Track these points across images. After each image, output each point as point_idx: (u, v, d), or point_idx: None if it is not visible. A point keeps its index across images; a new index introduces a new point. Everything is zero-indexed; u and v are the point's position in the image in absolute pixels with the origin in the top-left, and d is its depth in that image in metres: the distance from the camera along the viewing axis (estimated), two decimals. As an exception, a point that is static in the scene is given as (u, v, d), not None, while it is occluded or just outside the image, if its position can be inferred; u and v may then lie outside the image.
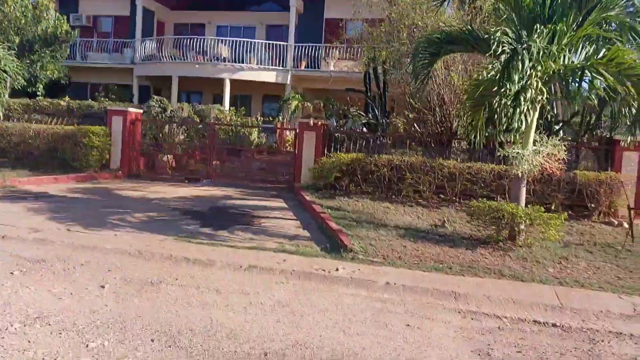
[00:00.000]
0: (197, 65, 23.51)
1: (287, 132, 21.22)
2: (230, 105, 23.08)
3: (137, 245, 6.25)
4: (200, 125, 12.68)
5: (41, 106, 12.86)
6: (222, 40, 23.91)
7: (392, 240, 7.02)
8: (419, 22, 10.16)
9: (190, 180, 11.75)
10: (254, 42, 23.97)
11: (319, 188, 10.08)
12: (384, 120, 11.03)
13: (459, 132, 10.29)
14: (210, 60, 23.81)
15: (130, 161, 11.99)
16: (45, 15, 19.57)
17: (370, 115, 11.07)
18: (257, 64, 23.43)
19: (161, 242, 6.53)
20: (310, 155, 10.65)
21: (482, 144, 8.06)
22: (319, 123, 10.59)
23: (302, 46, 23.69)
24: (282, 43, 23.78)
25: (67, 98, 14.11)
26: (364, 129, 11.46)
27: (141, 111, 12.43)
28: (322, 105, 10.93)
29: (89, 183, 11.00)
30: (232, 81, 23.31)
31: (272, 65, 23.70)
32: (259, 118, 20.51)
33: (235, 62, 23.62)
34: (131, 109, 11.99)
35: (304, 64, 23.64)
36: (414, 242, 6.98)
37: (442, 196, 9.57)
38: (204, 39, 24.51)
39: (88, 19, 27.45)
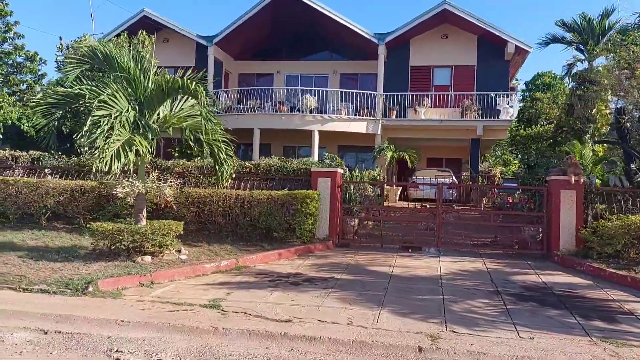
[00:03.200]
0: (283, 117, 22.35)
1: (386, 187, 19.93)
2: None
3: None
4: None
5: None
6: (308, 90, 22.80)
7: None
8: None
9: (411, 249, 10.27)
10: (343, 92, 23.03)
11: (598, 256, 8.71)
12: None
13: None
14: (291, 111, 22.71)
15: (336, 228, 10.48)
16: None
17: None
18: (346, 114, 22.34)
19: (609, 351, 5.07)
20: (569, 218, 9.33)
21: None
22: (581, 180, 9.32)
23: (391, 95, 22.77)
24: (371, 92, 22.86)
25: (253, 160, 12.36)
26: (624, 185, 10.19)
27: (342, 171, 11.05)
28: (573, 159, 9.59)
29: (314, 257, 9.49)
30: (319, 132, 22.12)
31: (359, 115, 22.63)
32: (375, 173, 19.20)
33: (322, 112, 22.54)
34: (339, 170, 10.59)
35: (394, 113, 22.64)
36: None
37: None
38: (290, 90, 23.50)
39: (150, 70, 26.30)
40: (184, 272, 7.75)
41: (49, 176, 11.71)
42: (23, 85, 13.08)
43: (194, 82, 7.99)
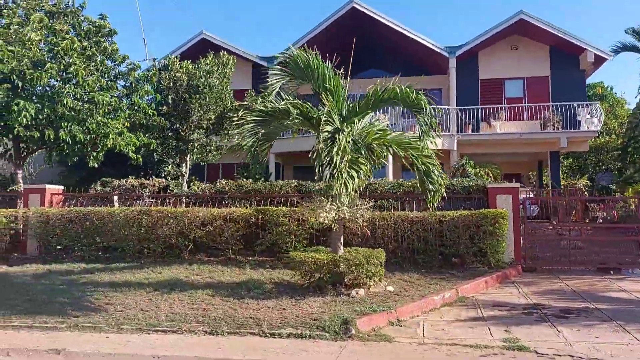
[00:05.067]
0: (355, 136, 21.46)
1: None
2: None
3: None
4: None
5: (375, 189, 10.45)
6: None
7: None
8: None
9: (612, 271, 9.32)
10: (415, 108, 22.21)
11: None
12: None
13: None
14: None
15: (521, 250, 9.55)
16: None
17: None
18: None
19: None
20: None
21: None
22: None
23: (463, 109, 22.03)
24: (441, 107, 22.07)
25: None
26: None
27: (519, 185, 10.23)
28: None
29: (520, 284, 8.56)
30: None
31: (432, 131, 21.69)
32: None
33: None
34: (519, 185, 9.76)
35: (470, 127, 21.87)
36: None
37: None
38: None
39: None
40: (419, 307, 6.81)
41: (184, 205, 10.78)
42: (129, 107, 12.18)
43: (414, 91, 7.16)
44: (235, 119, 7.45)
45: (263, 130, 7.42)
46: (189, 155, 16.85)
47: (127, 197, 11.21)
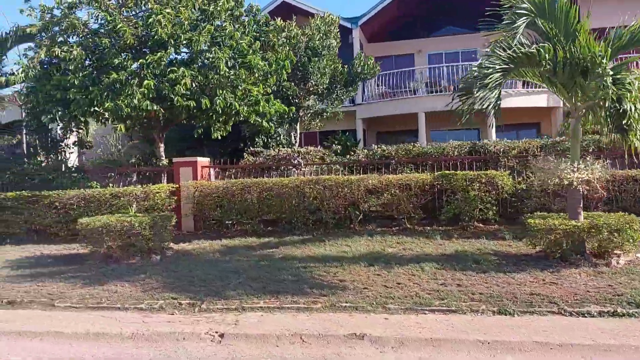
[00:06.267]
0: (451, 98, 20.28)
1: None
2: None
3: None
4: None
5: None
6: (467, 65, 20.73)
7: None
8: None
9: None
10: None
11: None
12: None
13: None
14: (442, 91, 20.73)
15: None
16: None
17: None
18: (523, 87, 20.20)
19: None
20: None
21: None
22: None
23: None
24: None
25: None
26: None
27: None
28: None
29: None
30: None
31: (529, 87, 20.38)
32: None
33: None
34: None
35: (571, 83, 20.32)
36: None
37: None
38: (455, 67, 21.48)
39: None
40: None
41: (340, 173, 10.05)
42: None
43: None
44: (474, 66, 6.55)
45: (503, 80, 6.54)
46: (299, 123, 16.15)
47: (284, 167, 10.52)
